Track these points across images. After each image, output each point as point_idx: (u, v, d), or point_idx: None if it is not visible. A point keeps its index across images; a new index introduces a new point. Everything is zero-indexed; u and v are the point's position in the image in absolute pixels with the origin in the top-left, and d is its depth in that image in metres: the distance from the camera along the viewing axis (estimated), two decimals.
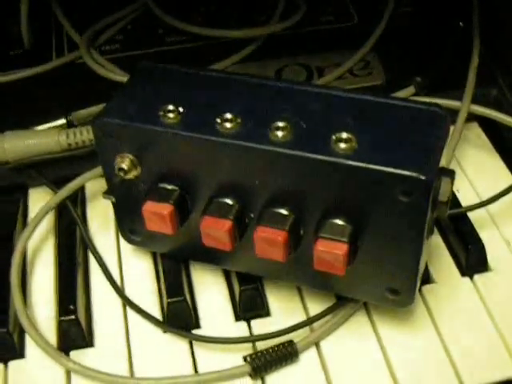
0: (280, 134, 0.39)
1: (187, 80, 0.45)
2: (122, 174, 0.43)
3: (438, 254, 0.50)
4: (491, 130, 0.58)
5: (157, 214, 0.43)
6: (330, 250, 0.40)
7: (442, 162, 0.40)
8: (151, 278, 0.49)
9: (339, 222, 0.40)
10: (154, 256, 0.50)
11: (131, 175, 0.43)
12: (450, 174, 0.40)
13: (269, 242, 0.41)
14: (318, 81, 0.56)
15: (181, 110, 0.42)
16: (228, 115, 0.41)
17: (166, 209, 0.43)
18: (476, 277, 0.48)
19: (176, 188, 0.43)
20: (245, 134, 0.40)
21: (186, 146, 0.41)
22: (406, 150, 0.38)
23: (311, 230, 0.41)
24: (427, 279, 0.48)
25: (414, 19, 0.62)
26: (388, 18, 0.59)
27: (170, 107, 0.42)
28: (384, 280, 0.42)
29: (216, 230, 0.42)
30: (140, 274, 0.49)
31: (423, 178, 0.37)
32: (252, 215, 0.43)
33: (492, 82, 0.58)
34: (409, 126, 0.40)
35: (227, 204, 0.42)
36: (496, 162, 0.56)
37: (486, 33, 0.58)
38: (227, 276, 0.49)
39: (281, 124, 0.40)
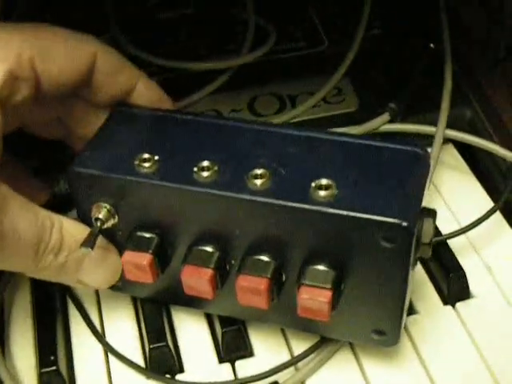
0: (259, 182, 0.39)
1: (162, 124, 0.44)
2: (99, 224, 0.42)
3: (420, 284, 0.49)
4: (467, 151, 0.58)
5: (136, 264, 0.42)
6: (314, 298, 0.39)
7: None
8: (132, 323, 0.48)
9: (321, 267, 0.40)
10: (134, 300, 0.49)
11: (109, 224, 0.42)
12: (432, 214, 0.40)
13: (251, 290, 0.40)
14: (292, 112, 0.56)
15: (156, 158, 0.41)
16: (205, 163, 0.40)
17: (145, 258, 0.42)
18: (458, 305, 0.48)
19: (154, 236, 0.42)
20: (223, 183, 0.39)
21: (163, 195, 0.40)
22: (386, 195, 0.38)
23: (293, 276, 0.41)
24: (409, 310, 0.48)
25: (384, 42, 0.62)
26: (359, 42, 0.59)
27: (146, 156, 0.41)
28: (369, 321, 0.42)
29: (197, 279, 0.41)
30: (120, 319, 0.48)
31: (405, 224, 0.36)
32: (233, 262, 0.42)
33: (466, 103, 0.58)
34: (389, 168, 0.40)
35: (207, 252, 0.41)
36: (472, 184, 0.56)
37: (458, 53, 0.58)
38: (209, 318, 0.48)
39: (259, 172, 0.39)
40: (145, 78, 0.46)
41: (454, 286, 0.48)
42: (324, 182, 0.38)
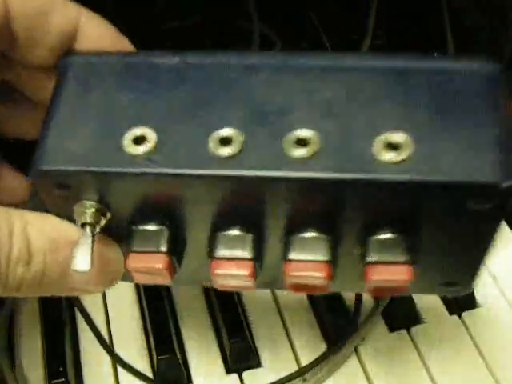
0: (303, 151, 0.29)
1: (139, 77, 0.32)
2: (88, 230, 0.31)
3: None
4: None
5: (149, 269, 0.33)
6: (391, 278, 0.31)
7: None
8: (140, 334, 0.48)
9: (392, 237, 0.31)
10: (142, 311, 0.49)
11: (101, 225, 0.32)
12: None
13: (307, 278, 0.32)
14: None
15: (152, 135, 0.30)
16: (225, 131, 0.29)
17: (159, 261, 0.32)
18: (464, 314, 0.48)
19: (164, 228, 0.32)
20: (254, 159, 0.29)
21: (172, 184, 0.30)
22: (471, 145, 0.29)
23: (351, 247, 0.32)
24: (416, 320, 0.48)
25: (388, 51, 0.62)
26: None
27: (138, 132, 0.30)
28: (443, 277, 0.35)
29: (234, 275, 0.32)
30: (129, 329, 0.49)
31: (505, 185, 0.28)
32: (270, 241, 0.33)
33: None
34: (462, 103, 0.30)
35: (239, 237, 0.32)
36: None
37: None
38: (216, 328, 0.48)
39: (301, 134, 0.29)
40: (88, 13, 0.34)
41: (459, 296, 0.48)
42: (392, 138, 0.29)
